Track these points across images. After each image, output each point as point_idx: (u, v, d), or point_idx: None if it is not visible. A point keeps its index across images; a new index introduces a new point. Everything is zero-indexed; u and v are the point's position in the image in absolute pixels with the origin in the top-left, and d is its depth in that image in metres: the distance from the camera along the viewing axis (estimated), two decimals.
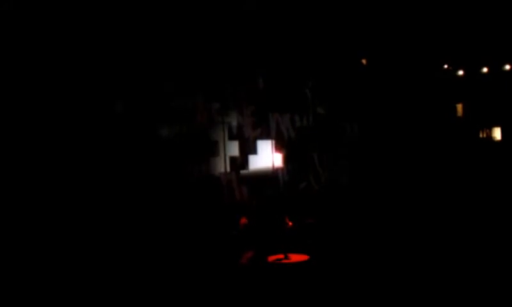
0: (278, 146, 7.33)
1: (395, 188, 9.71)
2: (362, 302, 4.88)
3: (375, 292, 5.03)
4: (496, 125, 11.66)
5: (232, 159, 6.56)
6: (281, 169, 7.36)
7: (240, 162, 6.69)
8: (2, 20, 4.22)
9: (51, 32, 4.49)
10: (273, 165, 7.15)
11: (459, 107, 11.94)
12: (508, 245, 6.48)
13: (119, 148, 5.17)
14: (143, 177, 5.38)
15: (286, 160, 7.47)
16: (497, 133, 11.69)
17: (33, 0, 4.45)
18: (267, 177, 7.09)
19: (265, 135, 7.14)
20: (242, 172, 6.70)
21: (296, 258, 5.81)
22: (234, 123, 6.63)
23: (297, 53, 7.57)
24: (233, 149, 6.60)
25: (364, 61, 9.26)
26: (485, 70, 10.95)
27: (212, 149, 6.29)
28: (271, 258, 5.84)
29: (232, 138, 6.57)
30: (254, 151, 6.93)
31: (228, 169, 6.47)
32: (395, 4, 8.02)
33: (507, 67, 10.81)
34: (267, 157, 7.10)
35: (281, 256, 5.85)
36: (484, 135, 11.83)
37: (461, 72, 11.20)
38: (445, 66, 11.07)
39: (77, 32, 4.84)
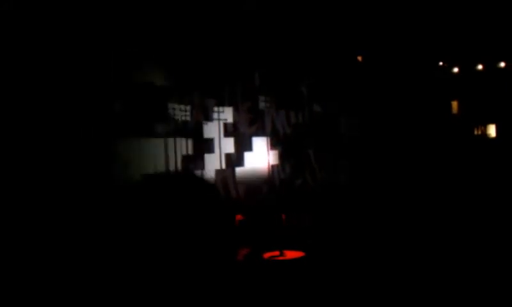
0: (273, 143, 7.34)
1: (391, 185, 9.75)
2: (357, 298, 4.89)
3: (370, 288, 5.05)
4: (491, 122, 11.70)
5: (228, 156, 6.56)
6: (277, 165, 7.37)
7: (236, 158, 6.69)
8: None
9: None
10: (268, 162, 7.15)
11: (454, 104, 11.97)
12: (504, 241, 6.53)
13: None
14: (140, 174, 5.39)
15: (281, 157, 7.48)
16: (492, 130, 11.73)
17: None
18: (262, 176, 7.10)
19: (261, 132, 7.14)
20: (238, 169, 6.71)
21: (291, 254, 5.81)
22: (230, 120, 6.63)
23: (293, 51, 7.57)
24: (229, 146, 6.60)
25: (360, 58, 9.27)
26: (480, 67, 10.98)
27: (208, 146, 6.29)
28: (267, 255, 5.85)
29: (227, 135, 6.57)
30: (249, 148, 6.93)
31: (224, 166, 6.47)
32: (391, 2, 8.03)
33: (502, 64, 10.84)
34: (262, 153, 7.10)
35: (276, 252, 5.86)
36: (479, 132, 11.87)
37: (456, 69, 11.23)
38: (440, 64, 11.09)
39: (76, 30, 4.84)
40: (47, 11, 4.53)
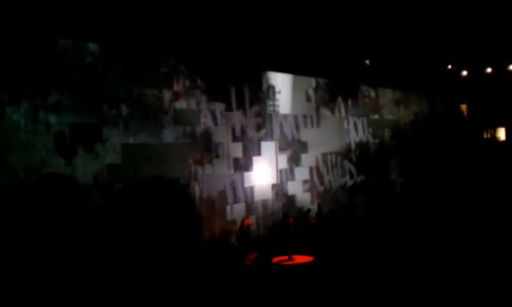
0: (282, 147, 7.34)
1: (401, 189, 9.72)
2: (366, 302, 4.89)
3: (379, 293, 5.04)
4: (501, 125, 11.64)
5: (236, 160, 6.57)
6: (285, 170, 7.36)
7: (244, 163, 6.69)
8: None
9: None
10: (277, 167, 7.15)
11: (464, 107, 11.92)
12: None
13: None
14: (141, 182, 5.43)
15: (290, 161, 7.47)
16: (501, 134, 11.68)
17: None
18: (270, 180, 7.10)
19: (269, 137, 7.14)
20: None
21: (300, 259, 5.81)
22: (238, 125, 6.64)
23: (299, 53, 7.57)
24: (237, 150, 6.61)
25: (367, 62, 9.25)
26: (489, 70, 10.92)
27: (217, 151, 6.31)
28: (275, 260, 5.85)
29: (236, 139, 6.58)
30: (258, 152, 6.93)
31: (232, 171, 6.48)
32: (400, 5, 8.00)
33: (511, 67, 10.77)
34: (271, 158, 7.09)
35: (285, 257, 5.85)
36: (489, 136, 11.81)
37: (465, 73, 11.17)
38: (449, 67, 11.04)
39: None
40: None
